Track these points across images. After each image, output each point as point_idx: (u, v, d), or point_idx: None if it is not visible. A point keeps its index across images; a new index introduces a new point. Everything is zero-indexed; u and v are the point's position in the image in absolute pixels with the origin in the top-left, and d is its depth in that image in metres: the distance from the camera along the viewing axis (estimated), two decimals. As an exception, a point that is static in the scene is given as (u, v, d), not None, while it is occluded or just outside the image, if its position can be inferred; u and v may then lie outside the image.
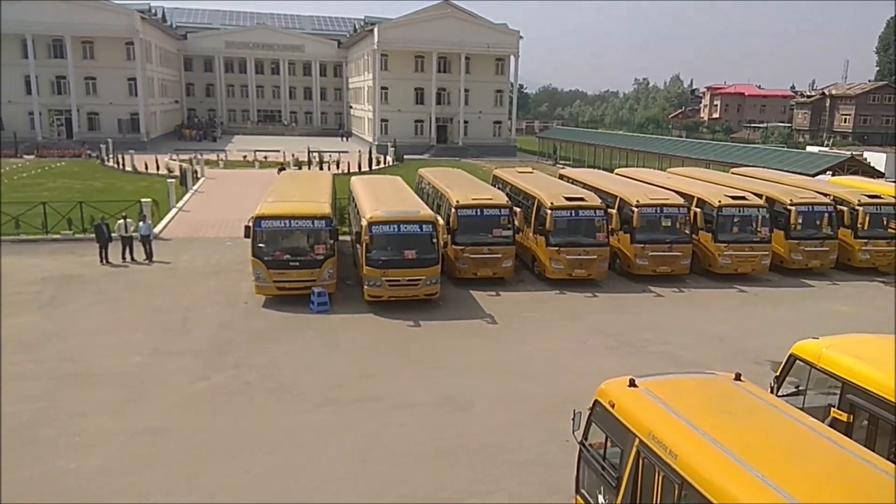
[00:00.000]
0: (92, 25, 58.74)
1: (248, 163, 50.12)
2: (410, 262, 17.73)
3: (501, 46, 67.09)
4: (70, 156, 53.08)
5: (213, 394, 12.96)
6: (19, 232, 24.82)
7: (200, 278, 20.65)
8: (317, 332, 16.35)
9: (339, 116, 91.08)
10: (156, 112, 67.48)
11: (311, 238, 18.36)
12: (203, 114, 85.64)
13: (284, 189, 21.64)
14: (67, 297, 18.57)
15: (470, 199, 20.89)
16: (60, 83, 60.21)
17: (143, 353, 14.81)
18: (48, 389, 12.87)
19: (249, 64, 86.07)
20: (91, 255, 22.18)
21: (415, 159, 55.56)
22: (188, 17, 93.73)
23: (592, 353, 15.46)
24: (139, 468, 10.35)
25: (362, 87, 74.80)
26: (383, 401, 12.81)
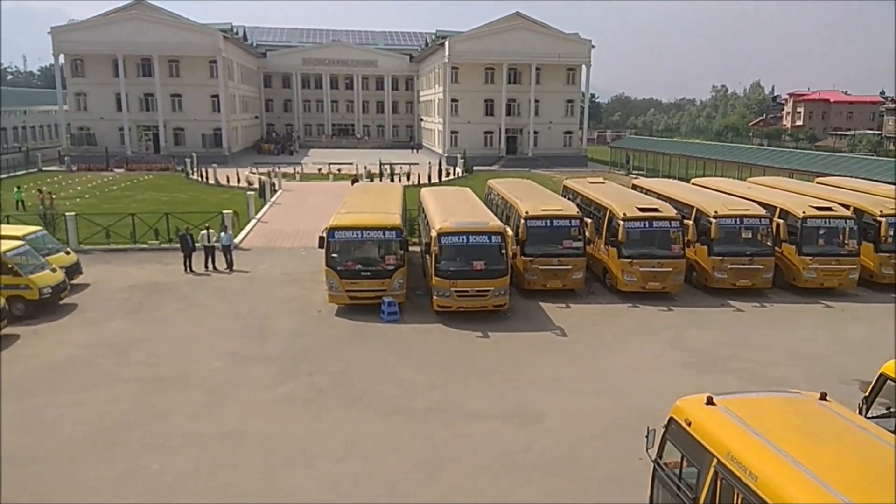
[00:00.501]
0: (178, 45, 61.92)
1: (323, 175, 51.47)
2: (479, 272, 17.74)
3: (573, 56, 66.52)
4: (157, 169, 55.96)
5: (288, 400, 13.32)
6: (109, 242, 26.31)
7: (277, 287, 21.31)
8: (387, 342, 16.57)
9: (410, 129, 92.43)
10: (237, 127, 70.32)
11: (382, 249, 18.67)
12: (281, 128, 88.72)
13: (357, 201, 22.10)
14: (154, 303, 19.53)
15: (539, 209, 20.74)
16: (148, 100, 63.64)
17: (223, 358, 15.40)
18: (135, 392, 13.55)
19: (325, 80, 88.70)
20: (176, 263, 23.27)
21: (484, 170, 55.66)
22: (268, 36, 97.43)
23: (667, 369, 15.02)
24: (218, 470, 10.74)
25: (433, 99, 75.67)
26: (452, 411, 12.83)
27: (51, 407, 12.82)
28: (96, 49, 60.52)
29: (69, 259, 20.98)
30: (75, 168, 55.91)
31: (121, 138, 62.08)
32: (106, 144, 60.41)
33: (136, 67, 63.02)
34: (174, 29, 62.13)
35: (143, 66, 63.01)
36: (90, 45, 60.44)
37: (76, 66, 62.94)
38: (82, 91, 63.25)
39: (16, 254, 18.21)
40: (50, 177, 50.49)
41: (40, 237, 20.85)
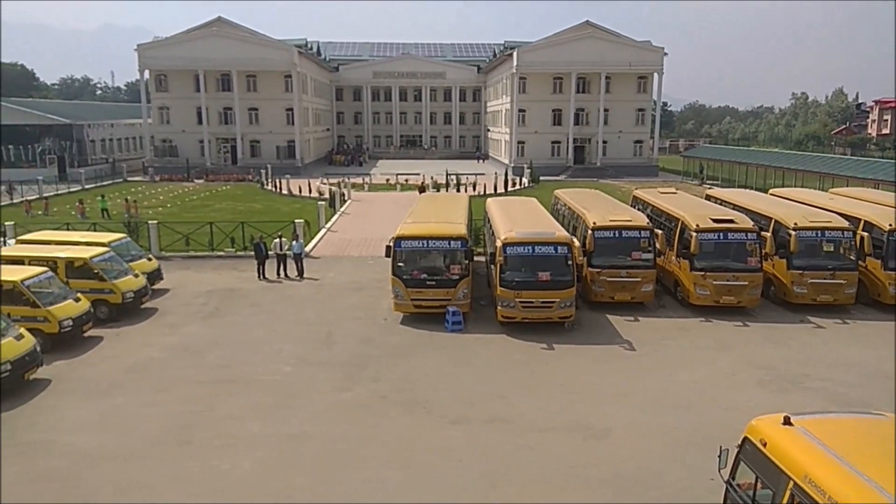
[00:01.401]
0: (255, 60, 64.32)
1: (391, 186, 52.24)
2: (545, 283, 17.54)
3: (644, 64, 65.26)
4: (234, 180, 58.15)
5: (352, 405, 13.51)
6: (188, 249, 27.47)
7: (344, 294, 21.72)
8: (450, 351, 16.59)
9: (477, 140, 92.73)
10: (309, 139, 72.33)
11: (448, 258, 18.75)
12: (351, 140, 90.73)
13: (423, 210, 22.30)
14: (228, 308, 20.24)
15: (608, 220, 20.37)
16: (227, 114, 66.29)
17: (291, 363, 15.78)
18: (208, 394, 14.05)
19: (394, 92, 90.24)
20: (250, 270, 24.07)
21: (551, 180, 55.19)
22: (341, 51, 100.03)
23: (741, 387, 14.42)
24: (285, 472, 10.99)
25: (500, 110, 75.71)
26: (515, 422, 12.71)
27: (129, 406, 13.44)
28: (179, 65, 63.61)
29: (151, 265, 22.00)
30: (158, 178, 58.80)
31: (201, 150, 64.86)
32: (187, 156, 63.28)
33: (216, 82, 65.78)
34: (252, 45, 64.63)
35: (223, 80, 65.71)
36: (173, 61, 63.58)
37: (160, 82, 66.30)
38: (165, 105, 66.52)
39: (101, 259, 19.24)
40: (134, 187, 53.24)
41: (124, 244, 21.94)
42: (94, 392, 14.05)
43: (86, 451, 11.57)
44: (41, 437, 12.09)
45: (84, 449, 11.63)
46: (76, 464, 11.14)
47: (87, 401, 13.63)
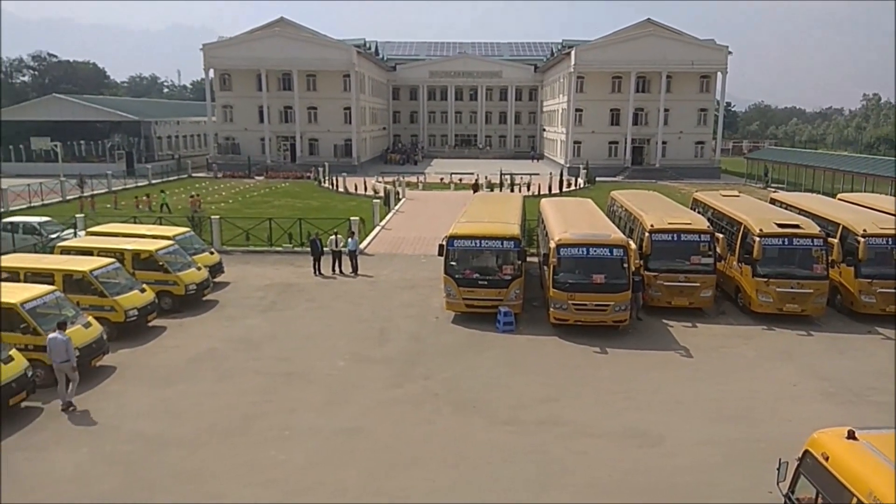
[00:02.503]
0: (316, 61, 65.54)
1: (445, 185, 52.44)
2: (599, 286, 17.30)
3: (707, 63, 63.55)
4: (293, 177, 59.41)
5: (403, 402, 13.65)
6: (248, 244, 28.24)
7: (397, 292, 21.94)
8: (502, 351, 16.56)
9: (532, 139, 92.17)
10: (366, 138, 73.28)
11: (500, 258, 18.71)
12: (407, 139, 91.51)
13: (477, 210, 22.32)
14: (286, 303, 20.72)
15: (666, 222, 19.96)
16: (287, 112, 67.76)
17: (345, 358, 16.06)
18: (265, 385, 14.42)
19: (450, 91, 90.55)
20: (306, 266, 24.57)
21: (607, 181, 54.40)
22: (398, 50, 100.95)
23: (803, 398, 13.91)
24: (337, 465, 11.19)
25: (556, 109, 75.02)
26: (566, 426, 12.60)
27: (190, 395, 13.93)
28: (242, 64, 65.37)
29: (213, 259, 22.71)
30: (220, 175, 60.60)
31: (261, 148, 66.51)
32: (248, 153, 65.01)
33: (278, 81, 67.31)
34: (312, 45, 65.89)
35: (284, 80, 67.18)
36: (236, 61, 65.38)
37: (224, 81, 68.28)
38: (229, 103, 68.47)
39: (166, 252, 19.98)
40: (198, 182, 55.02)
41: (188, 238, 22.71)
42: (157, 380, 14.61)
43: (148, 436, 12.05)
44: (107, 421, 12.65)
45: (147, 434, 12.11)
46: (139, 449, 11.62)
47: (150, 388, 14.19)
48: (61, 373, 13.08)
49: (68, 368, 13.08)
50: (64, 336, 13.14)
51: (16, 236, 25.28)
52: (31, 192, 41.33)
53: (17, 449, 11.51)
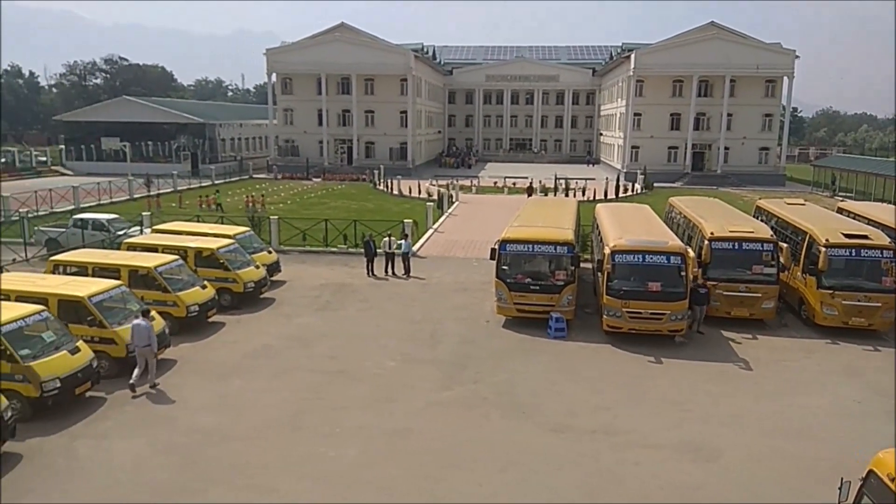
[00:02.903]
0: (374, 65, 66.46)
1: (498, 189, 52.31)
2: (655, 294, 16.92)
3: (773, 67, 61.56)
4: (349, 180, 60.36)
5: (452, 405, 13.66)
6: (305, 244, 28.80)
7: (449, 295, 21.99)
8: (553, 357, 16.39)
9: (589, 144, 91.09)
10: (421, 141, 73.82)
11: (553, 263, 18.52)
12: (461, 142, 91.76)
13: (530, 214, 22.17)
14: (339, 302, 21.04)
15: (727, 230, 19.38)
16: (345, 116, 68.89)
17: (396, 358, 16.18)
18: (318, 382, 14.67)
19: (506, 95, 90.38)
20: (360, 267, 24.88)
21: (666, 187, 53.25)
22: (455, 54, 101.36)
23: (868, 416, 13.28)
24: (386, 464, 11.28)
25: (614, 113, 73.95)
26: (619, 436, 12.37)
27: (246, 390, 14.28)
28: (303, 69, 66.81)
29: (271, 258, 23.25)
30: (280, 176, 62.07)
31: (320, 150, 67.80)
32: (307, 155, 66.37)
33: (337, 85, 68.51)
34: (371, 50, 66.83)
35: (343, 84, 68.33)
36: (298, 66, 66.88)
37: (285, 85, 69.92)
38: (290, 107, 70.06)
39: (227, 251, 20.56)
40: (258, 183, 56.46)
41: (248, 237, 23.32)
42: (215, 374, 15.05)
43: (205, 429, 12.41)
44: (166, 413, 13.10)
45: (204, 427, 12.48)
46: (195, 440, 11.98)
47: (208, 382, 14.62)
48: (142, 356, 14.02)
49: (149, 353, 14.04)
50: (147, 323, 14.06)
51: (85, 232, 26.46)
52: (100, 190, 43.23)
53: (81, 436, 12.03)
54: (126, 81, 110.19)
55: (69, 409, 12.76)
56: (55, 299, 14.45)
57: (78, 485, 10.48)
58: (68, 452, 11.45)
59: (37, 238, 27.14)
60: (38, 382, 12.23)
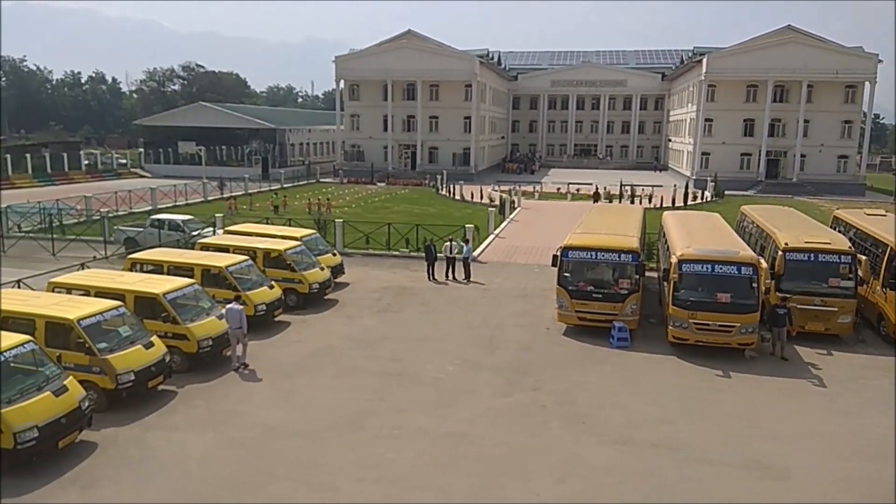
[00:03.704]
0: (440, 71, 67.01)
1: (561, 195, 51.77)
2: (724, 305, 16.37)
3: (853, 72, 58.75)
4: (412, 184, 60.98)
5: (511, 411, 13.57)
6: (368, 247, 29.25)
7: (509, 301, 21.89)
8: (615, 368, 16.08)
9: (656, 150, 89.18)
10: (484, 147, 73.90)
11: (617, 272, 18.18)
12: (525, 148, 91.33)
13: (594, 221, 21.86)
14: (400, 305, 21.26)
15: (802, 241, 18.59)
16: (410, 122, 69.68)
17: (455, 362, 16.22)
18: (378, 384, 14.86)
19: (571, 100, 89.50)
20: (421, 271, 25.09)
21: (737, 195, 51.52)
22: (520, 60, 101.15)
23: (958, 442, 12.44)
24: (444, 468, 11.32)
25: (684, 119, 72.13)
26: (682, 451, 12.01)
27: (310, 388, 14.61)
28: (370, 75, 68.00)
29: (335, 260, 23.73)
30: (346, 181, 63.29)
31: (384, 155, 68.81)
32: (372, 160, 67.48)
33: (402, 92, 69.39)
34: (437, 56, 67.41)
35: (408, 90, 69.16)
36: (365, 72, 68.11)
37: (353, 91, 71.31)
38: (356, 113, 71.40)
39: (294, 252, 21.11)
40: (325, 187, 57.71)
41: (314, 239, 23.88)
42: (280, 372, 15.46)
43: (270, 424, 12.75)
44: (233, 407, 13.53)
45: (269, 423, 12.83)
46: (261, 435, 12.33)
47: (274, 379, 15.03)
48: (234, 337, 15.47)
49: (240, 334, 15.47)
50: (239, 307, 15.60)
51: (161, 232, 27.67)
52: (176, 192, 45.12)
53: (153, 428, 12.57)
54: (202, 88, 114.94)
55: (142, 401, 13.35)
56: (132, 295, 15.17)
57: (149, 475, 10.95)
58: (140, 443, 11.97)
59: (116, 237, 28.57)
60: (114, 375, 12.84)
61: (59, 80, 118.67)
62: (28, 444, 10.53)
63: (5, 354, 11.11)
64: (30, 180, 56.20)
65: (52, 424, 10.88)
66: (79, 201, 36.74)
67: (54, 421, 10.95)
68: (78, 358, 12.80)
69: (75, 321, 12.86)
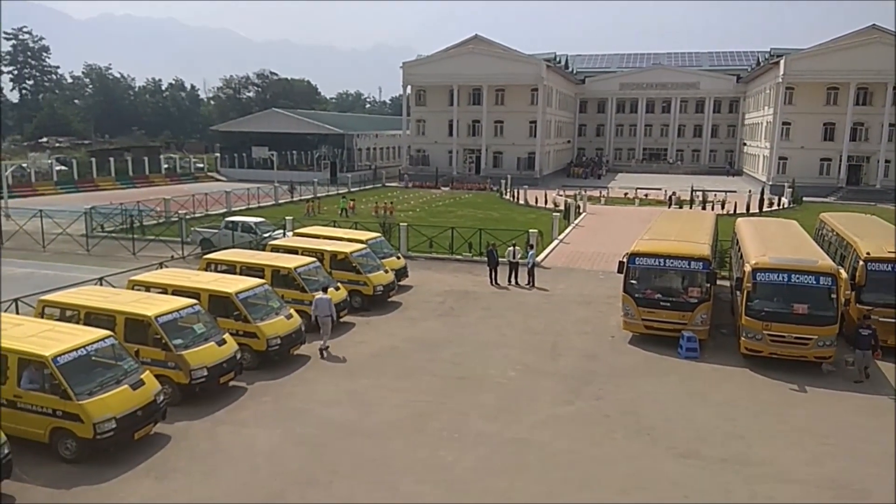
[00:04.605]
0: (506, 75, 66.91)
1: (629, 200, 50.75)
2: (800, 317, 15.67)
3: (947, 71, 55.18)
4: (476, 189, 61.02)
5: (574, 420, 13.39)
6: (431, 251, 29.45)
7: (572, 307, 21.60)
8: (682, 378, 15.61)
9: (730, 154, 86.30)
10: (549, 151, 73.28)
11: (686, 280, 17.67)
12: (591, 152, 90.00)
13: (663, 227, 21.32)
14: (462, 309, 21.31)
15: (885, 251, 17.60)
16: (475, 126, 69.83)
17: (517, 368, 16.13)
18: (439, 387, 14.93)
19: (641, 103, 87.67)
20: (483, 275, 25.07)
21: (816, 202, 49.20)
22: (588, 63, 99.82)
23: None
24: (504, 474, 11.26)
25: (760, 122, 69.54)
26: (753, 467, 11.55)
27: (373, 388, 14.82)
28: (436, 81, 68.57)
29: (399, 263, 23.99)
30: (410, 185, 63.93)
31: (449, 160, 69.18)
32: (437, 165, 67.94)
33: (468, 96, 69.64)
34: (503, 60, 67.35)
35: (474, 94, 69.36)
36: (432, 78, 68.72)
37: (419, 96, 72.06)
38: (422, 118, 72.10)
39: (359, 255, 21.47)
40: (390, 192, 58.48)
41: (379, 242, 24.23)
42: (344, 371, 15.75)
43: (334, 423, 13.01)
44: (299, 406, 13.86)
45: (333, 421, 13.09)
46: (325, 433, 12.59)
47: (338, 379, 15.32)
48: (324, 324, 16.81)
49: (328, 322, 16.89)
50: (327, 297, 17.06)
51: (235, 234, 28.67)
52: (249, 195, 46.66)
53: (223, 423, 13.02)
54: (275, 94, 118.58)
55: (214, 396, 13.85)
56: (206, 294, 15.76)
57: (219, 468, 11.35)
58: (211, 437, 12.42)
59: (193, 238, 29.80)
60: (188, 370, 13.37)
61: (141, 87, 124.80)
62: (106, 435, 11.10)
63: (88, 348, 11.76)
64: (113, 183, 59.33)
65: (129, 416, 11.43)
66: (158, 203, 38.52)
67: (131, 413, 11.49)
68: (154, 353, 13.40)
69: (153, 318, 13.47)
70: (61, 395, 11.02)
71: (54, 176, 57.48)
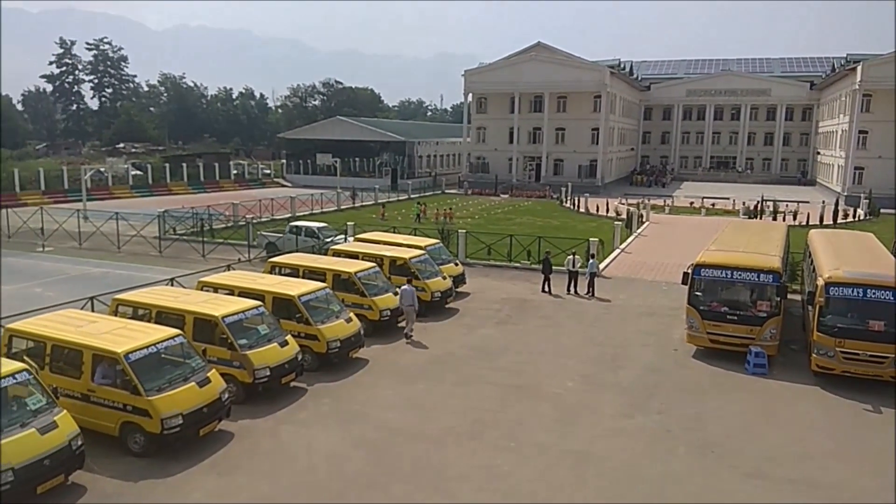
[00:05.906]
0: (568, 82, 66.33)
1: (695, 209, 49.42)
2: (877, 334, 14.89)
3: None
4: (535, 196, 60.65)
5: (635, 434, 13.08)
6: (490, 258, 29.39)
7: (634, 318, 21.15)
8: (750, 395, 15.05)
9: (803, 163, 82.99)
10: (612, 159, 72.15)
11: (755, 293, 17.04)
12: (656, 160, 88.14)
13: (731, 238, 20.65)
14: (520, 317, 21.16)
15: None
16: (536, 133, 69.43)
17: (575, 379, 15.89)
18: (497, 395, 14.85)
19: (708, 111, 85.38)
20: (541, 284, 24.82)
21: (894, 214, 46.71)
22: (654, 69, 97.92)
23: None
24: (562, 486, 11.10)
25: (834, 130, 66.61)
26: (825, 490, 11.02)
27: (431, 393, 14.88)
28: (497, 88, 68.59)
29: (457, 270, 24.04)
30: (470, 192, 64.10)
31: (509, 167, 69.01)
32: (496, 172, 67.89)
33: (529, 104, 69.34)
34: (566, 67, 66.82)
35: (535, 102, 69.01)
36: (493, 85, 68.80)
37: (480, 104, 72.21)
38: (483, 125, 72.19)
39: (418, 261, 21.62)
40: (450, 198, 58.73)
41: (437, 249, 24.34)
42: (402, 376, 15.87)
43: (392, 426, 13.11)
44: (358, 408, 14.04)
45: (391, 425, 13.19)
46: (383, 437, 12.70)
47: (396, 383, 15.45)
48: (408, 314, 18.36)
49: (412, 311, 18.34)
50: (411, 287, 18.60)
51: (299, 238, 29.38)
52: (312, 201, 47.71)
53: (285, 422, 13.31)
54: (340, 103, 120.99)
55: (276, 396, 14.18)
56: (270, 296, 16.18)
57: (280, 466, 11.60)
58: (273, 436, 12.72)
59: (259, 241, 30.69)
60: (252, 370, 13.73)
61: (213, 96, 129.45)
62: (173, 430, 11.50)
63: (158, 346, 12.23)
64: (185, 187, 61.79)
65: (194, 413, 11.82)
66: (227, 208, 39.84)
67: (197, 410, 11.88)
68: (221, 352, 13.83)
69: (220, 318, 13.91)
70: (132, 390, 11.49)
71: (130, 180, 60.33)
